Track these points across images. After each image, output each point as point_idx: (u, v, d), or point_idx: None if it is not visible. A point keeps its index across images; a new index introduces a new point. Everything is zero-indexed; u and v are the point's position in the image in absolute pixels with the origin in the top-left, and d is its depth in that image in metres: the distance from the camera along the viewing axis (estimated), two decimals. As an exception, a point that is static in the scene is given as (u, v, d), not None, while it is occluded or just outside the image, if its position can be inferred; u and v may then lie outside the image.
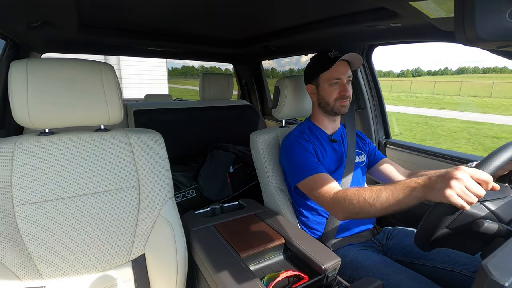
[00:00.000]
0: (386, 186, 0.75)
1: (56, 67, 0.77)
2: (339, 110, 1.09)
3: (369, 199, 0.76)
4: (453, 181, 0.60)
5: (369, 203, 0.76)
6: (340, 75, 1.06)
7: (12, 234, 0.73)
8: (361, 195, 0.79)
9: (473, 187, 0.59)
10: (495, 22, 0.40)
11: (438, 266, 0.94)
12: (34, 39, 1.41)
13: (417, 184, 0.68)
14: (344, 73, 1.07)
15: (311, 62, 1.16)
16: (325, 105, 1.11)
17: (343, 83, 1.07)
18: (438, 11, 0.74)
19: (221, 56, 2.42)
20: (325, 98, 1.10)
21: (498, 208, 0.65)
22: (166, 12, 1.26)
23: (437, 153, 1.31)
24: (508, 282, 0.35)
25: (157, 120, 1.71)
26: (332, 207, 0.89)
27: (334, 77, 1.06)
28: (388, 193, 0.73)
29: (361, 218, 0.87)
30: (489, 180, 0.60)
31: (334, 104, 1.08)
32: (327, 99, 1.09)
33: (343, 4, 1.06)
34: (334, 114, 1.12)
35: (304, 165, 1.00)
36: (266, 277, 0.79)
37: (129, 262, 0.89)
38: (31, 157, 0.76)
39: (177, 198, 1.48)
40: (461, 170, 0.61)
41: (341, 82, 1.07)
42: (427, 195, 0.65)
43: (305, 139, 1.08)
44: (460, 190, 0.59)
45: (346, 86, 1.07)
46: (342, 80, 1.07)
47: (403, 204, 0.70)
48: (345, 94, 1.06)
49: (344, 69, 1.07)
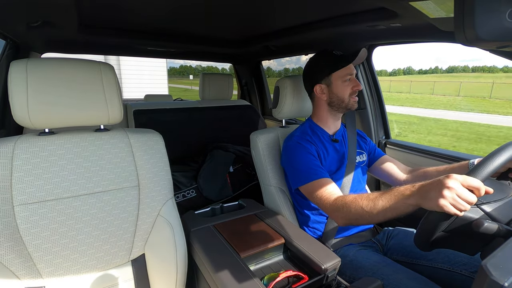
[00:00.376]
0: (382, 194, 0.78)
1: (56, 67, 0.77)
2: (353, 106, 1.11)
3: (366, 207, 0.79)
4: (445, 190, 0.62)
5: (367, 211, 0.79)
6: (352, 70, 1.09)
7: (12, 234, 0.73)
8: (358, 203, 0.81)
9: (465, 195, 0.61)
10: (495, 22, 0.40)
11: (438, 266, 0.94)
12: (34, 39, 1.41)
13: (411, 192, 0.70)
14: (353, 68, 1.10)
15: (317, 62, 1.14)
16: (339, 102, 1.10)
17: (354, 78, 1.10)
18: (438, 11, 0.74)
19: (221, 56, 2.42)
20: (339, 95, 1.09)
21: (494, 210, 0.65)
22: (166, 12, 1.26)
23: (437, 153, 1.31)
24: (507, 282, 0.35)
25: (157, 120, 1.71)
26: (331, 213, 0.91)
27: (348, 73, 1.08)
28: (384, 202, 0.75)
29: (360, 225, 0.91)
30: (480, 186, 0.61)
31: (349, 100, 1.10)
32: (342, 96, 1.09)
33: (343, 4, 1.06)
34: (346, 111, 1.14)
35: (306, 169, 1.01)
36: (266, 277, 0.79)
37: (129, 262, 0.89)
38: (31, 157, 0.76)
39: (177, 198, 1.48)
40: (452, 178, 0.63)
41: (352, 77, 1.10)
42: (421, 203, 0.67)
43: (307, 140, 1.08)
44: (452, 199, 0.61)
45: (357, 81, 1.10)
46: (353, 76, 1.10)
47: (399, 211, 0.73)
48: (359, 87, 1.09)
49: (350, 64, 1.10)
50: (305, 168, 1.01)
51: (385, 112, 1.61)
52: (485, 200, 0.66)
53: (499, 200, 0.67)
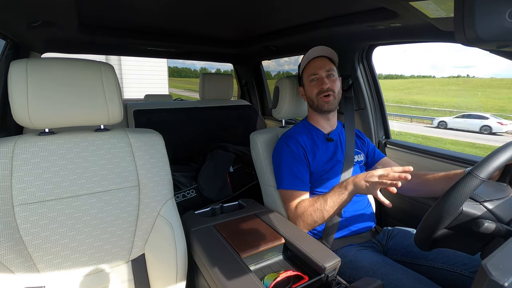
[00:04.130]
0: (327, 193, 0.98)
1: (56, 67, 0.77)
2: (323, 107, 1.10)
3: (320, 206, 0.97)
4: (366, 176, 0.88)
5: (321, 210, 0.96)
6: (316, 70, 1.09)
7: (12, 234, 0.73)
8: (314, 205, 0.98)
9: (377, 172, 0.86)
10: (495, 22, 0.40)
11: (438, 266, 0.94)
12: (34, 39, 1.41)
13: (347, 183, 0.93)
14: (320, 67, 1.09)
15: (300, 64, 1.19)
16: (311, 103, 1.14)
17: (321, 77, 1.09)
18: (438, 11, 0.74)
19: (221, 56, 2.42)
20: (309, 96, 1.13)
21: (496, 207, 0.66)
22: (167, 12, 1.26)
23: (437, 153, 1.31)
24: (507, 282, 0.35)
25: (157, 120, 1.71)
26: (295, 221, 1.03)
27: (311, 73, 1.10)
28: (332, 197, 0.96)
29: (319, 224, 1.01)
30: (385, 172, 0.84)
31: (317, 100, 1.10)
32: (311, 96, 1.12)
33: (343, 4, 1.07)
34: (320, 112, 1.13)
35: (287, 175, 1.07)
36: (266, 277, 0.79)
37: (129, 262, 0.89)
38: (31, 157, 0.76)
39: (177, 198, 1.48)
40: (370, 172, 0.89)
41: (318, 76, 1.10)
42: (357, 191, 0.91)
43: (296, 141, 1.10)
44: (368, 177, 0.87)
45: (323, 80, 1.09)
46: (320, 75, 1.09)
47: (344, 203, 0.94)
48: (323, 87, 1.08)
49: (320, 63, 1.10)
50: (286, 175, 1.07)
51: (385, 112, 1.61)
52: (488, 198, 0.67)
53: (500, 198, 0.68)
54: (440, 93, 21.17)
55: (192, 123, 1.83)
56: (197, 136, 1.84)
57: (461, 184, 0.62)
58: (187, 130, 1.81)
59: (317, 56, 1.13)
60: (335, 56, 1.15)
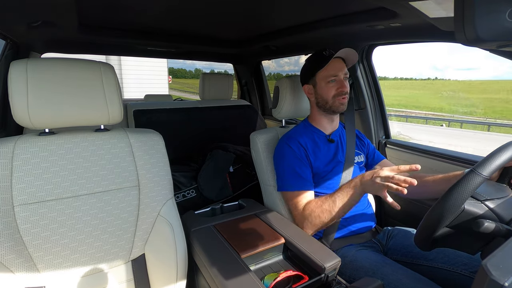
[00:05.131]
0: (334, 193, 0.97)
1: (56, 67, 0.77)
2: (338, 108, 1.09)
3: (328, 207, 0.95)
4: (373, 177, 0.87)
5: (329, 211, 0.95)
6: (337, 71, 1.08)
7: (12, 234, 0.73)
8: (322, 206, 0.97)
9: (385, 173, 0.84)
10: (495, 22, 0.40)
11: (438, 266, 0.94)
12: (34, 39, 1.41)
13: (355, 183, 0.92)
14: (340, 69, 1.08)
15: (306, 62, 1.16)
16: (324, 103, 1.11)
17: (340, 79, 1.08)
18: (438, 11, 0.74)
19: (221, 56, 2.42)
20: (323, 96, 1.10)
21: (498, 206, 0.66)
22: (166, 12, 1.26)
23: (437, 153, 1.31)
24: (508, 282, 0.35)
25: (157, 120, 1.71)
26: (300, 223, 1.02)
27: (331, 74, 1.08)
28: (340, 197, 0.94)
29: (326, 226, 1.00)
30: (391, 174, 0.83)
31: (333, 102, 1.09)
32: (326, 97, 1.10)
33: (343, 4, 1.06)
34: (333, 113, 1.12)
35: (290, 176, 1.06)
36: (266, 277, 0.79)
37: (129, 262, 0.89)
38: (31, 157, 0.76)
39: (177, 198, 1.48)
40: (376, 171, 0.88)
41: (338, 78, 1.08)
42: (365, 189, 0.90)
43: (298, 142, 1.09)
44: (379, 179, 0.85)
45: (343, 82, 1.08)
46: (339, 77, 1.08)
47: (354, 203, 0.93)
48: (343, 90, 1.07)
49: (339, 65, 1.08)
50: (290, 176, 1.06)
51: (385, 112, 1.61)
52: (489, 197, 0.67)
53: (502, 197, 0.68)
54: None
55: (192, 123, 1.83)
56: (197, 136, 1.83)
57: (464, 182, 0.62)
58: (187, 130, 1.81)
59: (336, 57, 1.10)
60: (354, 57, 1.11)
